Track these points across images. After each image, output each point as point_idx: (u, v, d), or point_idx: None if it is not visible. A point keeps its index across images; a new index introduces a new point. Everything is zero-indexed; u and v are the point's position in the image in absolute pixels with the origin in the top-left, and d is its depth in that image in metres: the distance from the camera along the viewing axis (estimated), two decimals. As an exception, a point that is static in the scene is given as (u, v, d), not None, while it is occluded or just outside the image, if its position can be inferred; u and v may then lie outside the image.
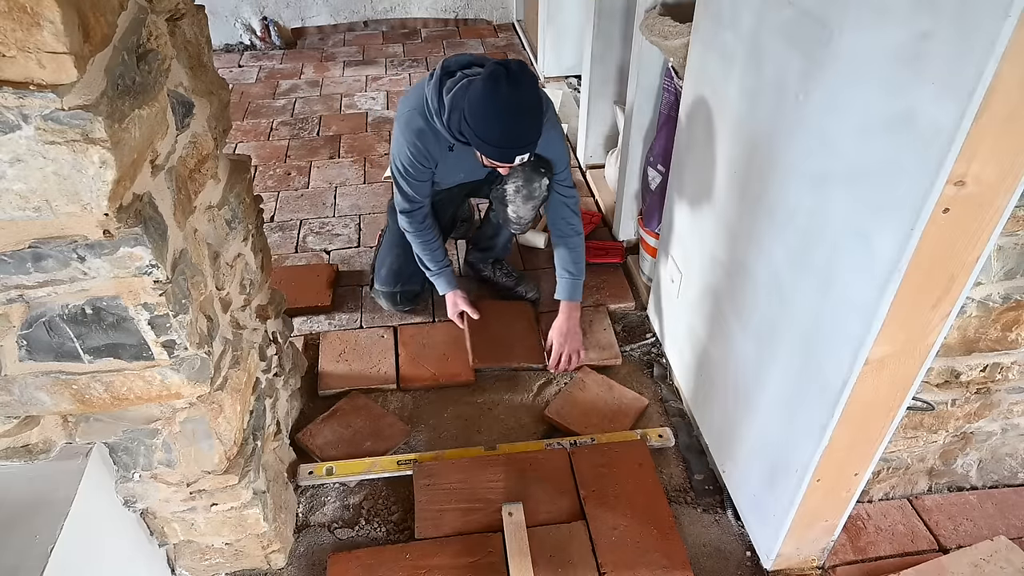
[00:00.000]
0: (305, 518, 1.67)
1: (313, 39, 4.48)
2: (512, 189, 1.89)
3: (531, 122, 1.61)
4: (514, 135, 1.60)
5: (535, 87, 1.62)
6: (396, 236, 2.14)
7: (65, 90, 0.76)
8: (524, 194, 1.88)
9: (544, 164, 1.88)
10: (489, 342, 2.10)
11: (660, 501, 1.64)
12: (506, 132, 1.59)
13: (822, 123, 1.13)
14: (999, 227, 0.94)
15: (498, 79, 1.54)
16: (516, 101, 1.56)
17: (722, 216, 1.55)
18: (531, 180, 1.86)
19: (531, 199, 1.89)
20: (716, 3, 1.49)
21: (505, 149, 1.61)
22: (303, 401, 1.95)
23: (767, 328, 1.39)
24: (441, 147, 1.82)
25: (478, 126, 1.60)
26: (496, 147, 1.61)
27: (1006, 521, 1.63)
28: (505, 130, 1.58)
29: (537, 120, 1.63)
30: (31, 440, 1.12)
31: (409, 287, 2.19)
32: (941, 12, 0.84)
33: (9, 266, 0.90)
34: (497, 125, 1.58)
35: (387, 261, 2.18)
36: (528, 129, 1.61)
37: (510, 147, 1.61)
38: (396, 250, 2.16)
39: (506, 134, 1.59)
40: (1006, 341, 1.38)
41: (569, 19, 3.53)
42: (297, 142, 3.30)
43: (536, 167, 1.87)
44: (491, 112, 1.57)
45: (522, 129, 1.60)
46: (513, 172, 1.87)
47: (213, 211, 1.24)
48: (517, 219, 1.95)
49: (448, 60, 1.77)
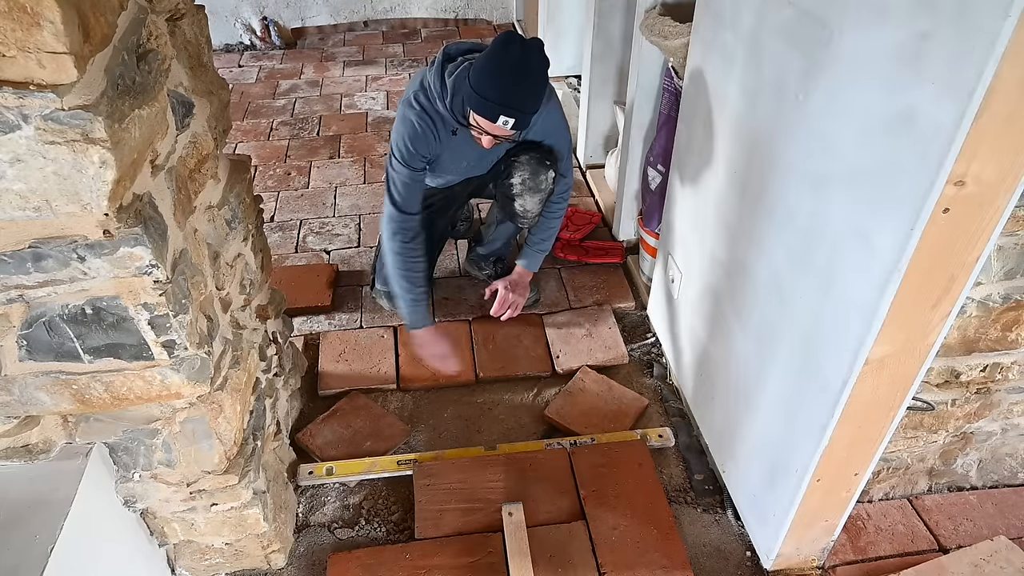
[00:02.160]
0: (305, 518, 1.67)
1: (313, 39, 4.48)
2: (518, 182, 1.88)
3: (529, 88, 1.60)
4: (508, 93, 1.57)
5: (543, 61, 1.61)
6: None
7: (65, 90, 0.76)
8: (530, 186, 1.88)
9: (550, 157, 1.87)
10: (494, 353, 2.11)
11: (660, 501, 1.64)
12: (502, 88, 1.57)
13: (822, 123, 1.13)
14: (999, 227, 0.95)
15: (511, 39, 1.56)
16: (520, 61, 1.55)
17: (722, 216, 1.55)
18: (537, 173, 1.86)
19: (537, 192, 1.89)
20: (716, 3, 1.49)
21: (495, 104, 1.58)
22: (303, 401, 1.95)
23: (767, 328, 1.39)
24: (446, 132, 1.79)
25: (477, 81, 1.58)
26: (486, 100, 1.58)
27: (1006, 521, 1.63)
28: (501, 85, 1.57)
29: (535, 90, 1.61)
30: (31, 440, 1.12)
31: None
32: (941, 12, 0.84)
33: (9, 266, 0.90)
34: (497, 80, 1.57)
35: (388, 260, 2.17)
36: (525, 92, 1.59)
37: (500, 103, 1.57)
38: None
39: (500, 89, 1.57)
40: (1006, 341, 1.38)
41: (569, 19, 3.53)
42: (297, 142, 3.30)
43: (541, 159, 1.86)
44: (493, 66, 1.57)
45: (518, 90, 1.58)
46: (519, 164, 1.87)
47: (213, 211, 1.24)
48: (524, 212, 1.95)
49: (449, 46, 1.76)
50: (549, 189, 1.90)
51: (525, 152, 1.91)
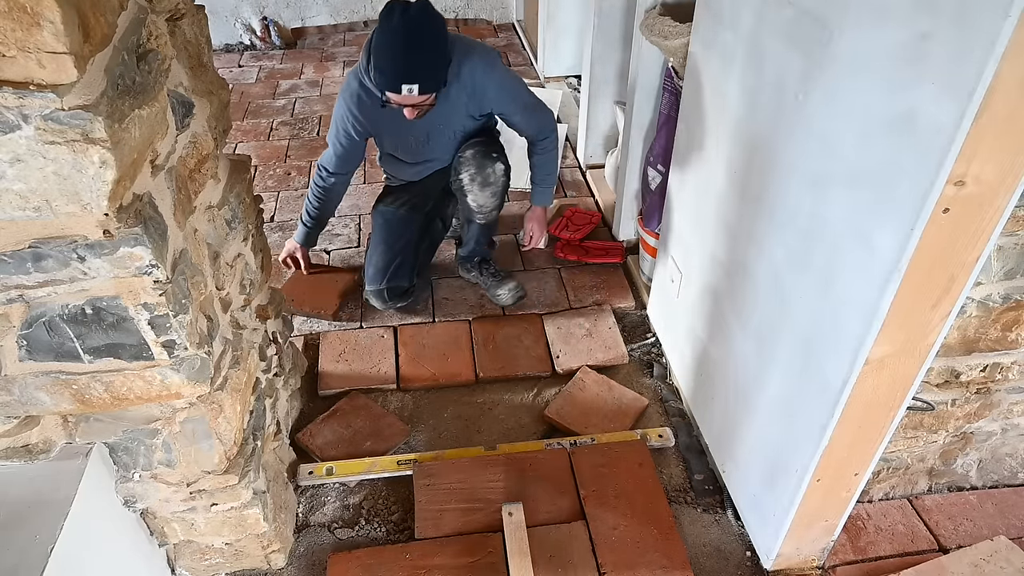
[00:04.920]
0: (305, 518, 1.67)
1: (313, 39, 4.48)
2: (467, 178, 1.89)
3: (420, 49, 1.59)
4: (399, 60, 1.57)
5: (429, 18, 1.60)
6: (380, 233, 2.14)
7: (65, 90, 0.76)
8: (480, 181, 1.88)
9: (496, 150, 1.87)
10: (494, 353, 2.11)
11: (660, 501, 1.64)
12: (392, 57, 1.57)
13: (822, 123, 1.13)
14: (999, 227, 0.95)
15: (392, 10, 1.56)
16: (403, 26, 1.56)
17: (722, 216, 1.55)
18: (483, 167, 1.86)
19: (487, 185, 1.89)
20: (716, 3, 1.49)
21: (388, 74, 1.58)
22: (303, 401, 1.95)
23: (767, 328, 1.39)
24: (375, 106, 1.80)
25: (375, 59, 1.59)
26: (384, 74, 1.58)
27: (1006, 521, 1.63)
28: (392, 55, 1.57)
29: (427, 51, 1.60)
30: (31, 440, 1.12)
31: (396, 283, 2.14)
32: (941, 12, 0.84)
33: (9, 266, 0.90)
34: (387, 51, 1.56)
35: (372, 259, 2.16)
36: (417, 55, 1.58)
37: (396, 73, 1.57)
38: (380, 247, 2.14)
39: (391, 59, 1.57)
40: (1006, 341, 1.38)
41: (569, 19, 3.53)
42: (297, 142, 3.30)
43: (487, 152, 1.86)
44: (380, 39, 1.57)
45: (409, 54, 1.58)
46: (464, 160, 1.88)
47: (213, 211, 1.24)
48: (479, 208, 1.94)
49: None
50: (501, 182, 1.90)
51: (471, 147, 1.91)
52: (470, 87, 1.80)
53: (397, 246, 2.13)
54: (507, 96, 1.90)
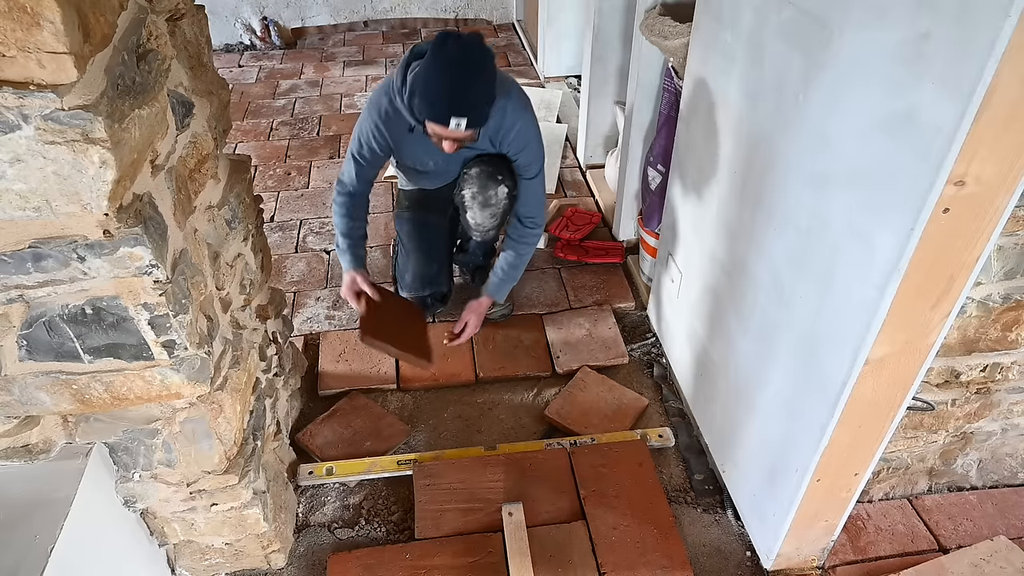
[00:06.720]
0: (305, 518, 1.67)
1: (313, 39, 4.48)
2: (468, 195, 1.85)
3: (474, 82, 1.54)
4: (449, 91, 1.53)
5: (484, 53, 1.56)
6: (413, 241, 2.09)
7: (65, 90, 0.76)
8: (480, 200, 1.84)
9: (503, 172, 1.83)
10: (494, 353, 2.11)
11: (660, 501, 1.64)
12: (442, 88, 1.52)
13: (822, 123, 1.13)
14: (999, 227, 0.95)
15: (446, 39, 1.52)
16: (459, 58, 1.51)
17: (722, 216, 1.55)
18: (486, 187, 1.82)
19: (487, 206, 1.84)
20: (716, 3, 1.49)
21: (438, 106, 1.53)
22: (303, 401, 1.95)
23: (767, 328, 1.39)
24: (401, 128, 1.77)
25: (423, 87, 1.55)
26: (429, 104, 1.54)
27: (1006, 521, 1.63)
28: (442, 85, 1.52)
29: (481, 85, 1.56)
30: (31, 440, 1.12)
31: (436, 288, 2.15)
32: (941, 12, 0.84)
33: (9, 266, 0.90)
34: (436, 81, 1.52)
35: (409, 267, 2.12)
36: (470, 88, 1.54)
37: (444, 104, 1.52)
38: (415, 255, 2.10)
39: (441, 89, 1.52)
40: (1006, 341, 1.38)
41: (569, 19, 3.53)
42: (297, 142, 3.31)
43: (492, 174, 1.82)
44: (432, 68, 1.53)
45: (461, 88, 1.53)
46: (468, 178, 1.85)
47: (213, 211, 1.24)
48: (476, 226, 1.91)
49: (418, 45, 1.72)
50: (502, 204, 1.85)
51: (477, 164, 1.87)
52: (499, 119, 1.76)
53: (433, 253, 2.10)
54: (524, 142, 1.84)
